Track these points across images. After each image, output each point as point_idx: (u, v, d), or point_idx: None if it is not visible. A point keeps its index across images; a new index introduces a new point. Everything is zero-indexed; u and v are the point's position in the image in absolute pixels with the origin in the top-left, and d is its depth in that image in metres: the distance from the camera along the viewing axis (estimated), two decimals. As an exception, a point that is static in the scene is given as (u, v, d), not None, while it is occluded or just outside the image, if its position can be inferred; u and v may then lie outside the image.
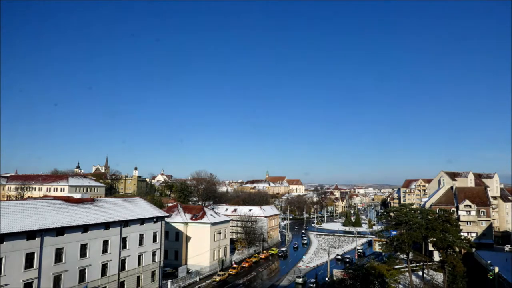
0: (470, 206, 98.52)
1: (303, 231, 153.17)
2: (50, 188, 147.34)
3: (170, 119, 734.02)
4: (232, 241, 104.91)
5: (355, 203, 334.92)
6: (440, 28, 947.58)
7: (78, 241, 48.97)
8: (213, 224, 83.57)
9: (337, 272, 73.83)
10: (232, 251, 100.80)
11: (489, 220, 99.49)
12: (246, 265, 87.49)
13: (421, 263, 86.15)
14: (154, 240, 64.86)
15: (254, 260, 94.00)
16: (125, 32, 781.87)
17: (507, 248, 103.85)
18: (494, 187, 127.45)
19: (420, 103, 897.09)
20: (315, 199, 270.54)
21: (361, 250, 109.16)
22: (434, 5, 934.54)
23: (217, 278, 74.03)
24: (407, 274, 75.44)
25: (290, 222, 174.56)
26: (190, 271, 77.40)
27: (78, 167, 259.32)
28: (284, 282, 75.53)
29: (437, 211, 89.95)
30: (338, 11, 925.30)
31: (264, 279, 78.32)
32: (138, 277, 60.12)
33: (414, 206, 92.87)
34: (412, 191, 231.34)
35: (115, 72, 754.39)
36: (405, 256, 78.18)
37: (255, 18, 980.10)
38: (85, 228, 50.15)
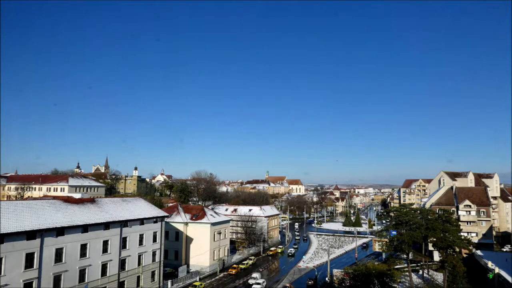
0: (470, 206, 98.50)
1: (303, 233, 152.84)
2: (50, 188, 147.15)
3: (170, 119, 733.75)
4: (232, 241, 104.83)
5: (355, 203, 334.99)
6: (440, 27, 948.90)
7: (78, 241, 48.98)
8: (213, 224, 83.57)
9: (337, 272, 73.82)
10: (233, 251, 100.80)
11: (489, 220, 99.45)
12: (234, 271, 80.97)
13: (421, 263, 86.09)
14: (154, 240, 64.83)
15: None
16: (125, 32, 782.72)
17: (507, 248, 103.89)
18: (494, 187, 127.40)
19: (420, 103, 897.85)
20: (315, 199, 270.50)
21: None
22: (434, 5, 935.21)
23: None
24: (407, 274, 75.45)
25: (290, 222, 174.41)
26: (190, 271, 77.44)
27: (78, 167, 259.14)
28: (284, 283, 75.35)
29: (437, 211, 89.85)
30: (337, 11, 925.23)
31: (265, 279, 78.15)
32: (138, 277, 60.13)
33: (414, 206, 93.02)
34: (412, 191, 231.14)
35: (115, 72, 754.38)
36: (405, 256, 78.19)
37: (255, 18, 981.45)
38: (85, 228, 50.16)
